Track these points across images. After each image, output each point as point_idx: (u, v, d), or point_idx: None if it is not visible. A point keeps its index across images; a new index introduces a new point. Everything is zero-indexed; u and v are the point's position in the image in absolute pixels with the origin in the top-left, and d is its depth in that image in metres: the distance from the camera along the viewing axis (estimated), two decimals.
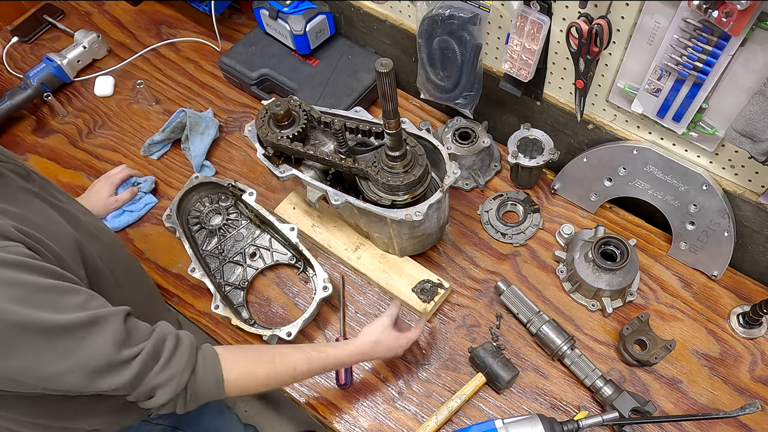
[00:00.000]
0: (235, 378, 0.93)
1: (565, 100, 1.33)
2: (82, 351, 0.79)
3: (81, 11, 1.87)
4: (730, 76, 1.01)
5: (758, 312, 1.19)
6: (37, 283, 0.77)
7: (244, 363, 0.96)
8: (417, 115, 1.60)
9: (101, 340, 0.80)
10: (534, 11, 1.13)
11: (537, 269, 1.35)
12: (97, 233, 1.05)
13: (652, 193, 1.28)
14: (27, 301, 0.75)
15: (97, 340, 0.80)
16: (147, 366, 0.84)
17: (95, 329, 0.80)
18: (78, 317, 0.79)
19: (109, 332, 0.81)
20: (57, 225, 0.93)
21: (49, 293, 0.78)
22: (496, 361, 1.18)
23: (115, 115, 1.65)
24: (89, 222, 1.05)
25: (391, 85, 0.95)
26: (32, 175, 0.99)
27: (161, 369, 0.85)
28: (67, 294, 0.80)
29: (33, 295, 0.76)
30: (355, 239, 1.36)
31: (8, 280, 0.75)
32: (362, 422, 1.20)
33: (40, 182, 1.00)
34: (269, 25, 1.60)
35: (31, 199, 0.93)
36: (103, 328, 0.81)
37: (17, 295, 0.75)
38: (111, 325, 0.82)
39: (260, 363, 0.97)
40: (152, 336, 0.86)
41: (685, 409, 1.19)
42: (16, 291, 0.75)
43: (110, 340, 0.81)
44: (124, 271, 1.09)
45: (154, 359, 0.85)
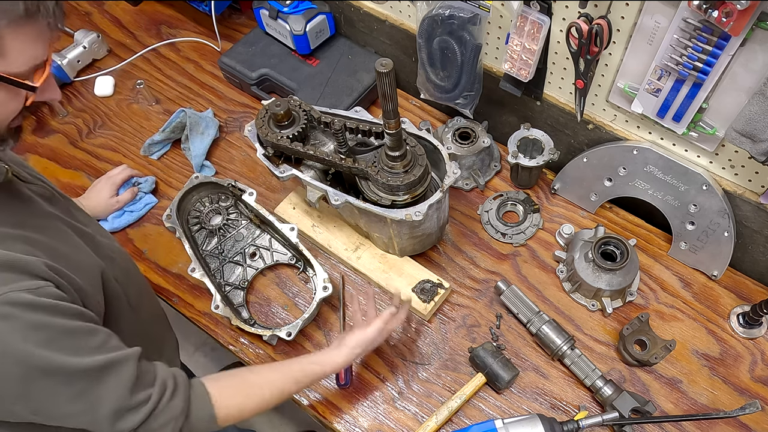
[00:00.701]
0: (226, 414, 0.92)
1: (565, 100, 1.33)
2: (97, 394, 0.79)
3: (81, 11, 1.87)
4: (730, 76, 1.01)
5: (758, 312, 1.19)
6: (62, 327, 0.78)
7: (235, 399, 0.94)
8: (417, 115, 1.60)
9: (116, 383, 0.81)
10: (534, 11, 1.13)
11: (537, 269, 1.35)
12: (113, 254, 1.04)
13: (652, 193, 1.28)
14: (51, 344, 0.76)
15: (113, 383, 0.80)
16: (153, 411, 0.84)
17: (111, 372, 0.81)
18: (96, 361, 0.79)
19: (124, 376, 0.81)
20: (81, 253, 0.93)
21: (72, 336, 0.79)
22: (496, 361, 1.18)
23: (115, 115, 1.65)
24: (106, 245, 1.04)
25: (391, 85, 0.95)
26: (56, 197, 0.99)
27: (161, 414, 0.84)
28: (88, 336, 0.81)
29: (58, 338, 0.77)
30: (355, 239, 1.36)
31: (36, 324, 0.75)
32: (362, 422, 1.20)
33: (64, 204, 1.00)
34: (269, 25, 1.60)
35: (57, 225, 0.92)
36: (118, 371, 0.81)
37: (43, 339, 0.75)
38: (126, 368, 0.82)
39: (250, 397, 0.96)
40: (156, 381, 0.86)
41: (685, 409, 1.19)
42: (42, 334, 0.75)
43: (124, 384, 0.81)
44: (136, 292, 1.09)
45: (157, 404, 0.84)
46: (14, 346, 0.74)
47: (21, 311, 0.74)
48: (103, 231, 1.10)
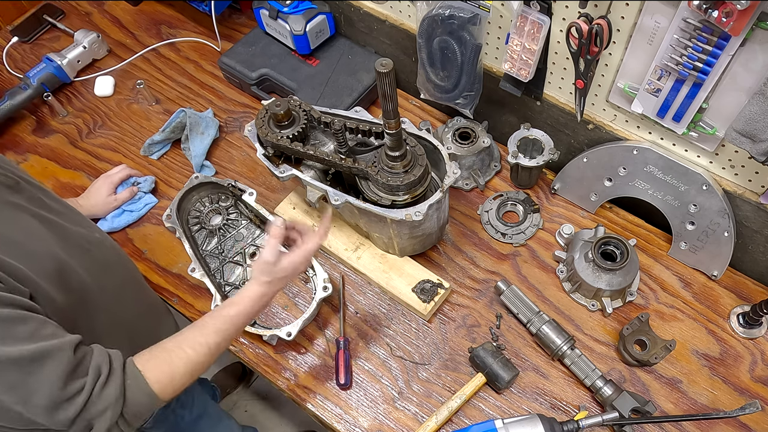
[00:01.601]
0: (161, 388, 0.90)
1: (565, 100, 1.33)
2: (28, 384, 0.77)
3: (81, 11, 1.87)
4: (730, 76, 1.01)
5: (758, 312, 1.19)
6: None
7: (161, 368, 0.91)
8: (417, 115, 1.60)
9: (49, 374, 0.79)
10: (534, 11, 1.13)
11: (537, 269, 1.35)
12: (89, 246, 1.03)
13: (652, 193, 1.28)
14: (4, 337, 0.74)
15: (45, 374, 0.79)
16: (88, 400, 0.82)
17: (44, 362, 0.79)
18: (26, 350, 0.77)
19: (57, 366, 0.80)
20: (35, 242, 0.91)
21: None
22: (496, 361, 1.18)
23: (115, 115, 1.65)
24: (81, 234, 1.03)
25: (391, 85, 0.95)
26: (22, 185, 0.97)
27: (97, 401, 0.83)
28: (16, 324, 0.79)
29: (9, 329, 0.75)
30: (355, 239, 1.36)
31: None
32: (362, 422, 1.20)
33: (30, 193, 0.98)
34: (269, 25, 1.60)
35: (11, 214, 0.91)
36: (51, 361, 0.79)
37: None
38: (59, 358, 0.80)
39: (174, 361, 0.93)
40: (90, 369, 0.84)
41: (685, 409, 1.19)
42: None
43: (57, 374, 0.79)
44: (117, 285, 1.08)
45: (91, 393, 0.83)
46: None
47: None
48: (81, 220, 1.08)
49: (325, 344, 1.29)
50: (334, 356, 1.26)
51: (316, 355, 1.28)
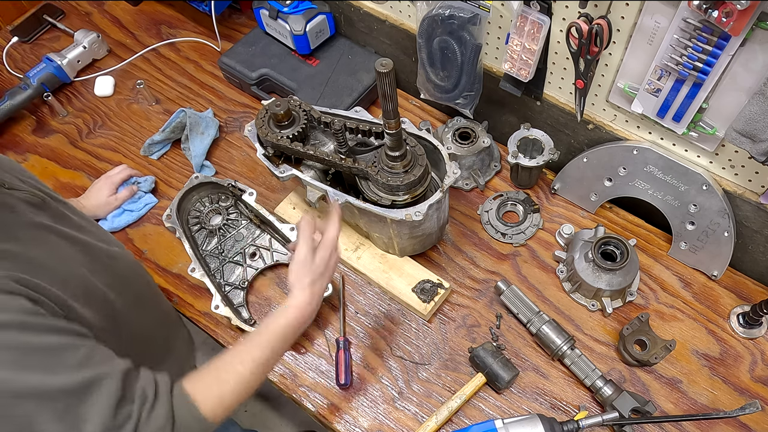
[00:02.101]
0: (211, 408, 0.87)
1: (565, 100, 1.33)
2: (79, 414, 0.75)
3: (81, 11, 1.87)
4: (730, 76, 1.01)
5: (758, 312, 1.19)
6: (32, 344, 0.74)
7: (211, 390, 0.88)
8: (417, 115, 1.60)
9: (99, 402, 0.77)
10: (534, 11, 1.13)
11: (537, 269, 1.35)
12: (109, 260, 1.01)
13: (652, 193, 1.28)
14: (20, 364, 0.73)
15: (96, 401, 0.77)
16: (137, 426, 0.79)
17: (94, 390, 0.77)
18: (75, 378, 0.76)
19: (107, 394, 0.78)
20: (64, 263, 0.89)
21: (44, 353, 0.75)
22: (496, 361, 1.18)
23: (115, 115, 1.65)
24: (102, 249, 1.01)
25: (391, 85, 0.95)
26: (47, 202, 0.95)
27: (145, 426, 0.80)
28: (65, 352, 0.77)
29: (27, 357, 0.73)
30: (355, 239, 1.36)
31: (4, 344, 0.72)
32: (362, 422, 1.20)
33: (55, 210, 0.96)
34: (269, 25, 1.60)
35: (41, 236, 0.89)
36: (101, 389, 0.77)
37: (9, 360, 0.72)
38: (109, 385, 0.78)
39: (225, 381, 0.90)
40: (136, 393, 0.81)
41: (685, 409, 1.19)
42: (9, 355, 0.72)
43: (108, 402, 0.77)
44: (136, 296, 1.06)
45: (139, 419, 0.80)
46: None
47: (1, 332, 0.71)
48: (102, 234, 1.08)
49: (325, 344, 1.29)
50: (334, 356, 1.26)
51: (316, 355, 1.28)
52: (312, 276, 0.99)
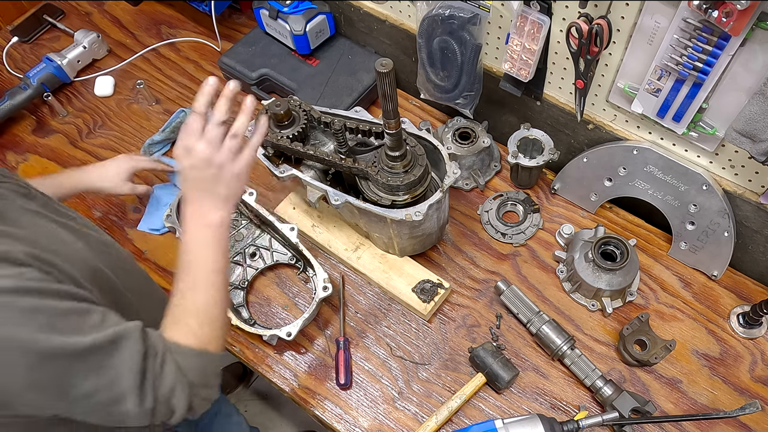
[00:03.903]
0: (198, 339, 0.86)
1: (565, 100, 1.33)
2: (113, 366, 0.77)
3: (81, 11, 1.87)
4: (730, 76, 1.01)
5: (758, 312, 1.19)
6: (58, 308, 0.76)
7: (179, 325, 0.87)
8: (417, 115, 1.60)
9: (127, 358, 0.78)
10: (534, 11, 1.13)
11: (537, 269, 1.35)
12: (106, 248, 1.02)
13: (652, 193, 1.28)
14: (52, 327, 0.74)
15: (124, 358, 0.78)
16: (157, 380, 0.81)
17: (119, 347, 0.79)
18: (101, 337, 0.77)
19: (132, 349, 0.79)
20: (67, 245, 0.90)
21: (69, 317, 0.77)
22: (496, 361, 1.18)
23: (115, 115, 1.65)
24: (95, 237, 1.02)
25: (391, 85, 0.95)
26: (33, 193, 0.96)
27: (160, 378, 0.81)
28: (85, 315, 0.79)
29: (55, 320, 0.75)
30: (355, 239, 1.36)
31: (30, 308, 0.73)
32: (362, 422, 1.20)
33: (41, 199, 0.97)
34: (269, 25, 1.60)
35: (35, 219, 0.90)
36: (126, 345, 0.79)
37: (40, 323, 0.73)
38: (133, 339, 0.80)
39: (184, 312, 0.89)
40: (152, 348, 0.83)
41: (685, 409, 1.19)
42: (38, 319, 0.73)
43: (135, 357, 0.79)
44: (137, 284, 1.07)
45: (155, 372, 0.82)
46: (12, 335, 0.72)
47: (8, 298, 0.73)
48: (90, 223, 1.07)
49: (325, 344, 1.29)
50: (334, 356, 1.26)
51: (316, 355, 1.28)
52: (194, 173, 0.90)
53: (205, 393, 0.87)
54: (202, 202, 0.91)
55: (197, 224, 0.91)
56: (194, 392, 0.85)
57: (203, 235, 0.91)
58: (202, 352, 0.87)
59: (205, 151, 0.90)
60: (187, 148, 0.90)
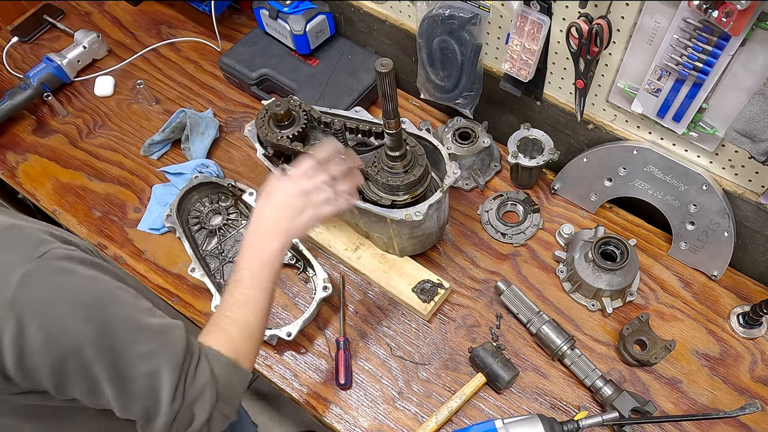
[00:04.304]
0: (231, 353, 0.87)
1: (565, 100, 1.33)
2: (160, 356, 0.78)
3: (81, 11, 1.87)
4: (730, 76, 1.01)
5: (758, 312, 1.19)
6: (117, 285, 0.78)
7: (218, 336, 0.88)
8: (417, 115, 1.60)
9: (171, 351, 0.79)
10: (534, 11, 1.13)
11: (537, 269, 1.35)
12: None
13: (652, 193, 1.28)
14: (116, 299, 0.76)
15: (170, 349, 0.79)
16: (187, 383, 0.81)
17: (168, 337, 0.80)
18: (155, 322, 0.79)
19: (179, 345, 0.80)
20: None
21: (127, 293, 0.79)
22: (496, 361, 1.18)
23: (115, 115, 1.65)
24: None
25: (391, 85, 0.95)
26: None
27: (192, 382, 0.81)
28: (138, 298, 0.81)
29: (118, 294, 0.77)
30: (355, 239, 1.36)
31: (95, 278, 0.75)
32: (362, 422, 1.20)
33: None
34: (269, 25, 1.60)
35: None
36: (173, 337, 0.81)
37: (110, 294, 0.76)
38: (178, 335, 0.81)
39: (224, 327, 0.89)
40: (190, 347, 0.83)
41: (685, 409, 1.19)
42: (102, 288, 0.76)
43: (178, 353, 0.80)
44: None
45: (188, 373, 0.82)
46: (85, 297, 0.73)
47: (77, 265, 0.74)
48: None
49: (325, 344, 1.29)
50: (334, 356, 1.26)
51: (316, 355, 1.28)
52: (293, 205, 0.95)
53: (226, 410, 0.86)
54: (282, 227, 0.94)
55: (264, 242, 0.93)
56: (218, 404, 0.84)
57: (266, 255, 0.93)
58: (237, 366, 0.87)
59: (316, 185, 0.96)
60: (306, 173, 0.96)
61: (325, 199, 0.97)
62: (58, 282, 0.72)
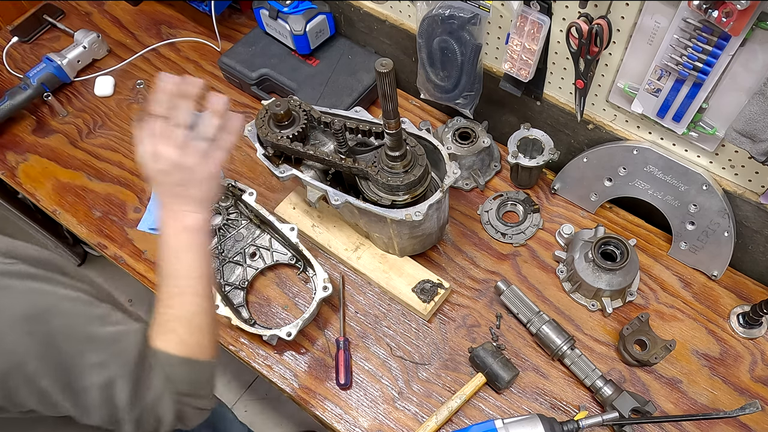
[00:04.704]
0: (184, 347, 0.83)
1: (565, 100, 1.33)
2: (112, 367, 0.77)
3: (81, 11, 1.87)
4: (730, 76, 1.01)
5: (758, 312, 1.19)
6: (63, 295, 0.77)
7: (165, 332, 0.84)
8: (417, 115, 1.60)
9: (124, 359, 0.78)
10: (534, 11, 1.13)
11: (537, 269, 1.35)
12: None
13: (652, 193, 1.28)
14: (61, 311, 0.75)
15: (122, 359, 0.78)
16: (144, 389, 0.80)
17: (120, 346, 0.79)
18: (107, 332, 0.78)
19: (132, 353, 0.79)
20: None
21: (76, 303, 0.78)
22: (496, 361, 1.18)
23: (115, 115, 1.65)
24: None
25: (391, 85, 0.95)
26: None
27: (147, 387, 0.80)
28: (90, 305, 0.80)
29: (65, 304, 0.76)
30: (355, 239, 1.36)
31: (37, 290, 0.74)
32: (362, 422, 1.20)
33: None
34: (269, 25, 1.60)
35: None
36: (125, 346, 0.79)
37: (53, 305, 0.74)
38: (132, 342, 0.80)
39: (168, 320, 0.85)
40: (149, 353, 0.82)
41: (685, 409, 1.19)
42: (47, 300, 0.74)
43: (131, 360, 0.78)
44: None
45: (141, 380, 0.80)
46: (25, 311, 0.72)
47: (12, 280, 0.73)
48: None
49: (325, 344, 1.29)
50: (334, 356, 1.26)
51: (316, 355, 1.28)
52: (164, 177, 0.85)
53: (197, 402, 0.85)
54: (177, 207, 0.87)
55: (175, 229, 0.87)
56: (184, 402, 0.83)
57: (183, 241, 0.87)
58: (190, 361, 0.85)
59: (173, 156, 0.84)
60: (154, 153, 0.84)
61: (201, 157, 0.87)
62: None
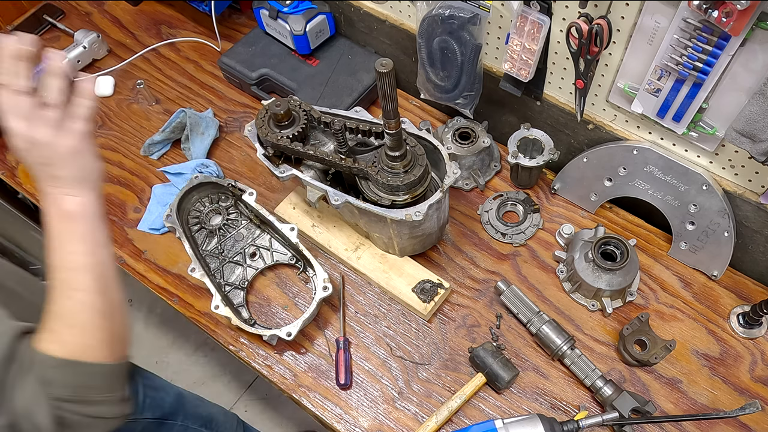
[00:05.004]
0: (68, 347, 0.75)
1: (565, 100, 1.33)
2: None
3: (81, 11, 1.87)
4: (730, 76, 1.01)
5: (758, 312, 1.19)
6: None
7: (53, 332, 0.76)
8: (417, 115, 1.60)
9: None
10: (534, 11, 1.13)
11: (537, 269, 1.35)
12: None
13: (652, 193, 1.28)
14: None
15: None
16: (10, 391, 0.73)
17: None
18: None
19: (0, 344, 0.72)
20: None
21: None
22: (496, 361, 1.18)
23: (115, 115, 1.65)
24: None
25: (391, 85, 0.95)
26: None
27: (15, 389, 0.72)
28: None
29: None
30: (355, 239, 1.36)
31: None
32: (362, 422, 1.20)
33: None
34: (269, 25, 1.60)
35: None
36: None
37: None
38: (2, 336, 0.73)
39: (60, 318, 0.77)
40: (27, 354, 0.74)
41: (685, 409, 1.19)
42: None
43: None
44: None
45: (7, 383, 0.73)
46: None
47: None
48: None
49: (325, 344, 1.29)
50: (334, 356, 1.26)
51: (316, 355, 1.28)
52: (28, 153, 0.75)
53: (86, 410, 0.76)
54: (51, 189, 0.77)
55: (54, 215, 0.78)
56: (65, 408, 0.74)
57: (63, 228, 0.77)
58: (72, 363, 0.76)
59: (22, 129, 0.73)
60: (6, 129, 0.74)
61: (53, 129, 0.76)
62: None
